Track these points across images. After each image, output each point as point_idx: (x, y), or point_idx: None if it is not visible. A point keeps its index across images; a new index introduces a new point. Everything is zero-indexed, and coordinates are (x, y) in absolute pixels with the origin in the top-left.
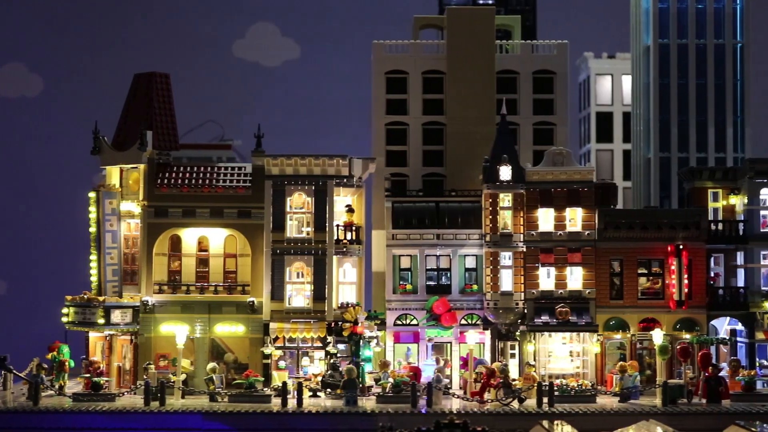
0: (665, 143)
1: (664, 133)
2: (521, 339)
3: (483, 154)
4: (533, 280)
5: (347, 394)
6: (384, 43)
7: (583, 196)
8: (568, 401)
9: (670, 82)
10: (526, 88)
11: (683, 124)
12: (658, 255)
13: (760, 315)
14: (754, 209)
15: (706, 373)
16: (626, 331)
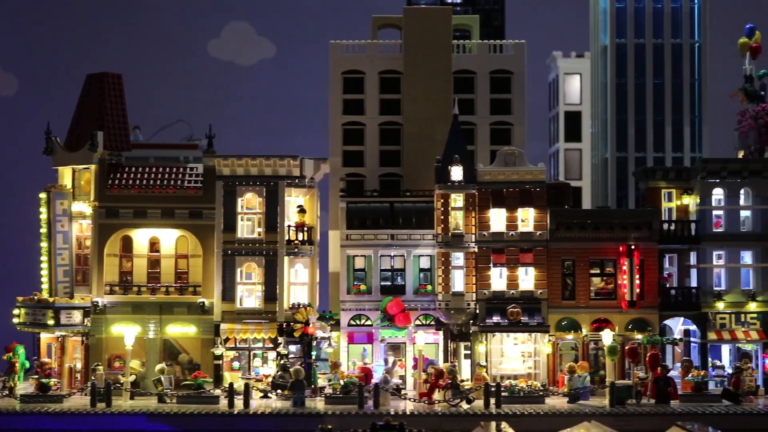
0: (622, 143)
1: (621, 132)
2: (473, 340)
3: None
4: (485, 280)
5: (295, 395)
6: (341, 43)
7: (535, 197)
8: (517, 402)
9: (627, 82)
10: (483, 88)
11: (640, 123)
12: (610, 255)
13: (713, 315)
14: (706, 209)
15: (655, 374)
16: (578, 331)
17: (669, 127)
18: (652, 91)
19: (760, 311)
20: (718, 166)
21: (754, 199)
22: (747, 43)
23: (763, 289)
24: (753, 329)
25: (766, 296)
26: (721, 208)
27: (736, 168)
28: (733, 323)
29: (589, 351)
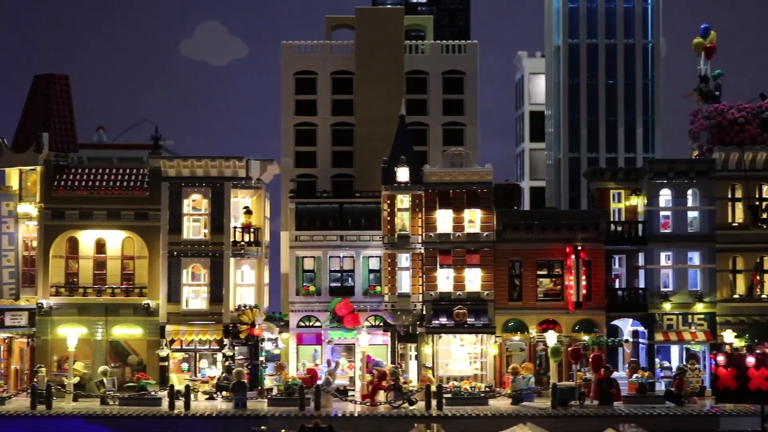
0: (575, 143)
1: (574, 133)
2: (419, 341)
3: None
4: (432, 281)
5: (236, 397)
6: (293, 43)
7: (481, 197)
8: (461, 404)
9: (579, 82)
10: (435, 89)
11: (593, 124)
12: (557, 256)
13: (660, 316)
14: (653, 210)
15: (598, 375)
16: (525, 332)
17: (621, 128)
18: (605, 91)
19: (707, 312)
20: (665, 167)
21: (701, 199)
22: (701, 44)
23: (711, 290)
24: (700, 330)
25: (713, 297)
26: (668, 209)
27: (683, 169)
28: (681, 324)
29: (537, 352)
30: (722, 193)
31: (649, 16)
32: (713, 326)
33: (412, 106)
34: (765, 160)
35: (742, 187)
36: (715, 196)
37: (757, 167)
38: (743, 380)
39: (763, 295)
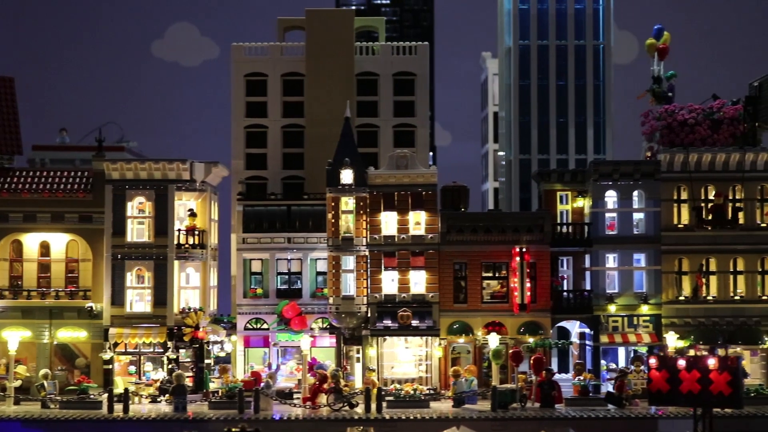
0: (525, 145)
1: (525, 134)
2: (364, 343)
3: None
4: (376, 284)
5: (176, 400)
6: (243, 45)
7: (426, 200)
8: (402, 407)
9: (530, 84)
10: (386, 90)
11: (543, 125)
12: (502, 258)
13: (605, 318)
14: (598, 211)
15: (539, 378)
16: (470, 334)
17: (572, 129)
18: (556, 92)
19: (653, 314)
20: (610, 168)
21: (646, 201)
22: (654, 45)
23: (656, 292)
24: (645, 332)
25: (658, 299)
26: (613, 210)
27: (629, 170)
28: (626, 326)
29: (484, 354)
30: (668, 194)
31: (600, 18)
32: (659, 328)
33: (362, 108)
34: (710, 161)
35: (687, 189)
36: (660, 197)
37: (703, 169)
38: (675, 383)
39: (708, 297)
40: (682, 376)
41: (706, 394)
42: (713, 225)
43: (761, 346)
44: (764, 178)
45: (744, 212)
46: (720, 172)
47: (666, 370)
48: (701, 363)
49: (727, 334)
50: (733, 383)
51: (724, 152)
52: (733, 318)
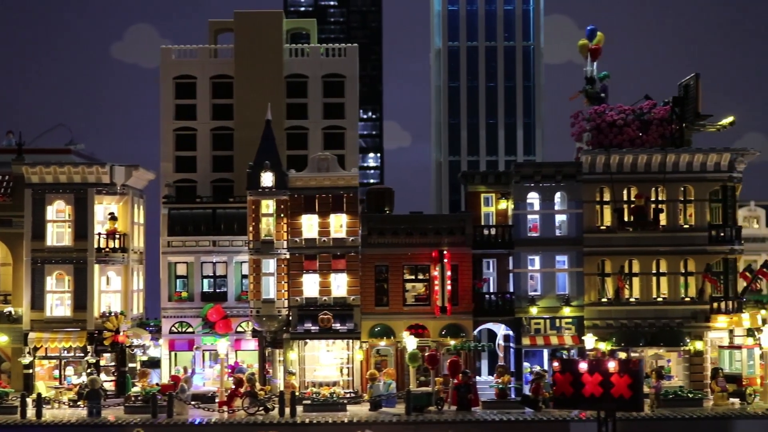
0: (455, 146)
1: (454, 136)
2: (285, 347)
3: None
4: (297, 287)
5: (90, 405)
6: (172, 47)
7: (347, 202)
8: (319, 410)
9: (460, 85)
10: (315, 92)
11: (473, 126)
12: (423, 261)
13: (527, 320)
14: (521, 213)
15: (456, 381)
16: (392, 337)
17: (502, 130)
18: (485, 93)
19: (575, 316)
20: (532, 170)
21: (569, 203)
22: (586, 45)
23: (578, 294)
24: (568, 334)
25: (581, 301)
26: (536, 212)
27: (550, 172)
28: (548, 328)
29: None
30: (590, 196)
31: (530, 19)
32: (581, 330)
33: (292, 110)
34: (632, 162)
35: (609, 190)
36: (582, 199)
37: (625, 170)
38: (578, 386)
39: (631, 298)
40: (584, 379)
41: (607, 397)
42: (634, 226)
43: (683, 348)
44: (686, 179)
45: (666, 214)
46: (642, 173)
47: (569, 374)
48: (603, 366)
49: (649, 336)
50: (634, 386)
51: (645, 153)
52: (655, 320)
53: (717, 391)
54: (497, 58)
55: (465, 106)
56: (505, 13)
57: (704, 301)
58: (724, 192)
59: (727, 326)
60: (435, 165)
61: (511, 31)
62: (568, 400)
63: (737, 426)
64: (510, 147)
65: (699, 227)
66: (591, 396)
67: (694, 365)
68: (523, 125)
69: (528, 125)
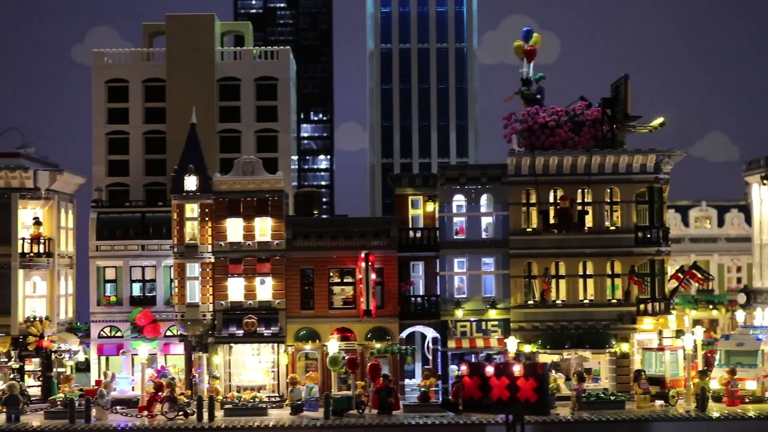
0: (388, 149)
1: (387, 138)
2: (210, 351)
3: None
4: (222, 291)
5: (9, 411)
6: (104, 51)
7: (272, 206)
8: (240, 414)
9: (392, 87)
10: (248, 95)
11: (406, 129)
12: (349, 264)
13: (453, 323)
14: (446, 216)
15: (376, 384)
16: (317, 341)
17: (435, 132)
18: (418, 96)
19: (501, 318)
20: (457, 172)
21: (495, 205)
22: (521, 46)
23: (504, 297)
24: (494, 337)
25: (507, 303)
26: (461, 215)
27: (475, 174)
28: (474, 331)
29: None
30: (516, 198)
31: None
32: (508, 333)
33: (225, 113)
34: (557, 164)
35: (535, 192)
36: (508, 201)
37: (550, 172)
38: (486, 390)
39: (558, 301)
40: (492, 383)
41: (514, 400)
42: (559, 228)
43: (609, 350)
44: (613, 181)
45: (592, 215)
46: (568, 175)
47: (477, 377)
48: (509, 369)
49: (575, 338)
50: (540, 390)
51: (571, 155)
52: (582, 322)
53: (639, 393)
54: (430, 60)
55: (398, 109)
56: (438, 15)
57: (630, 303)
58: (650, 193)
59: (653, 328)
60: (369, 167)
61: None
62: (476, 404)
63: (655, 428)
64: (443, 149)
65: (625, 229)
66: (498, 400)
67: (620, 367)
68: (456, 127)
69: (461, 127)
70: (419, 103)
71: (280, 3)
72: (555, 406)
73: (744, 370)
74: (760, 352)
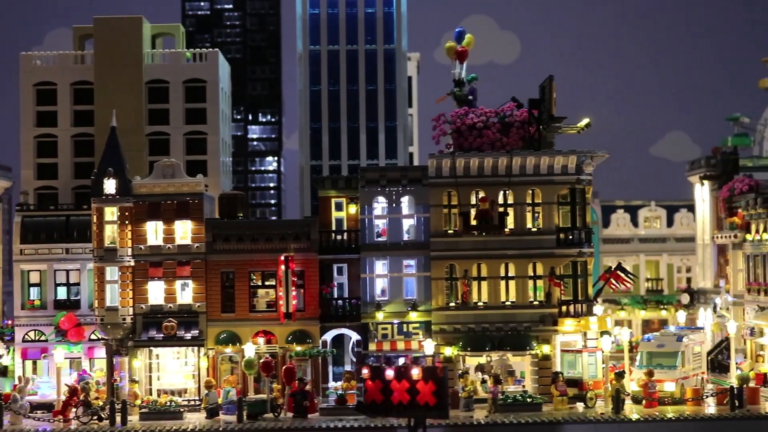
0: (317, 151)
1: (315, 140)
2: (130, 354)
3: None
4: (142, 294)
5: None
6: (32, 54)
7: (192, 209)
8: (155, 418)
9: (321, 89)
10: (177, 98)
11: (334, 131)
12: (270, 267)
13: (373, 326)
14: (367, 218)
15: (292, 388)
16: (238, 344)
17: (364, 134)
18: (346, 97)
19: (423, 320)
20: (377, 174)
21: (416, 207)
22: (453, 47)
23: (426, 299)
24: (415, 339)
25: (428, 306)
26: (382, 217)
27: (396, 176)
28: (396, 333)
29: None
30: (437, 200)
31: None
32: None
33: (154, 116)
34: (478, 166)
35: (456, 194)
36: (429, 203)
37: (471, 174)
38: (387, 393)
39: (479, 303)
40: (393, 386)
41: (414, 404)
42: (480, 230)
43: (530, 352)
44: (534, 182)
45: (514, 217)
46: (489, 176)
47: (379, 381)
48: (408, 373)
49: (496, 340)
50: (439, 393)
51: (491, 157)
52: (503, 324)
53: (557, 395)
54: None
55: (326, 110)
56: (367, 17)
57: (552, 305)
58: (572, 194)
59: (574, 330)
60: (299, 169)
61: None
62: (378, 408)
63: (566, 430)
64: (372, 151)
65: (547, 230)
66: (399, 403)
67: (542, 369)
68: (386, 129)
69: (390, 129)
70: (348, 105)
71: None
72: (473, 408)
73: (663, 371)
74: (680, 354)
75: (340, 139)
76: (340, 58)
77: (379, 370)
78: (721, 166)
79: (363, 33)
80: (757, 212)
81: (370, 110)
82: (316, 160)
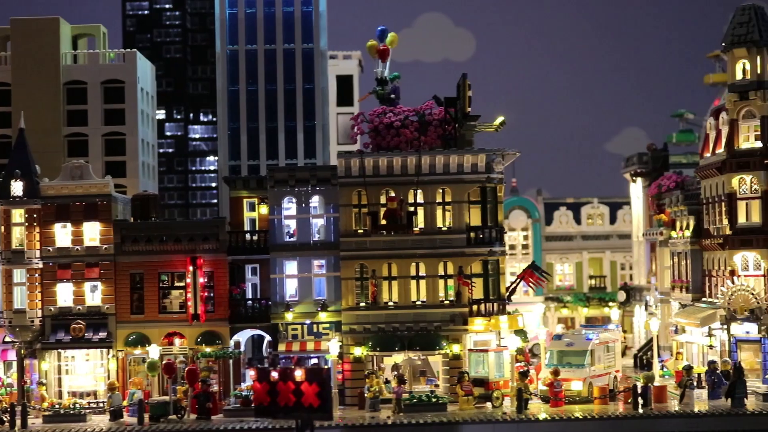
0: (235, 151)
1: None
2: (38, 357)
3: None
4: (51, 296)
5: None
6: None
7: (100, 210)
8: (58, 421)
9: (239, 89)
10: (95, 99)
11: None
12: (179, 268)
13: (283, 326)
14: (277, 218)
15: (195, 389)
16: (147, 345)
17: (282, 134)
18: (265, 97)
19: (333, 321)
20: (286, 174)
21: (325, 207)
22: (374, 46)
23: (336, 299)
24: (326, 339)
25: (338, 305)
26: (291, 217)
27: (305, 176)
28: (306, 334)
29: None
30: (346, 200)
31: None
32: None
33: (72, 117)
34: (387, 165)
35: (365, 194)
36: (338, 203)
37: (381, 173)
38: (274, 395)
39: (390, 302)
40: (279, 387)
41: (299, 405)
42: (388, 230)
43: (440, 351)
44: (444, 181)
45: (424, 216)
46: (399, 176)
47: (266, 383)
48: (293, 374)
49: (406, 340)
50: (322, 394)
51: (400, 156)
52: (414, 323)
53: (462, 395)
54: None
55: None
56: (285, 16)
57: (462, 304)
58: (483, 193)
59: (484, 329)
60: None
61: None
62: (266, 410)
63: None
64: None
65: (457, 229)
66: (285, 405)
67: (453, 368)
68: (304, 128)
69: (309, 128)
70: (266, 105)
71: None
72: (379, 409)
73: (571, 370)
74: (589, 353)
75: (258, 139)
76: (258, 58)
77: (264, 371)
78: (652, 163)
79: (281, 32)
80: (680, 209)
81: (289, 110)
82: (235, 161)
